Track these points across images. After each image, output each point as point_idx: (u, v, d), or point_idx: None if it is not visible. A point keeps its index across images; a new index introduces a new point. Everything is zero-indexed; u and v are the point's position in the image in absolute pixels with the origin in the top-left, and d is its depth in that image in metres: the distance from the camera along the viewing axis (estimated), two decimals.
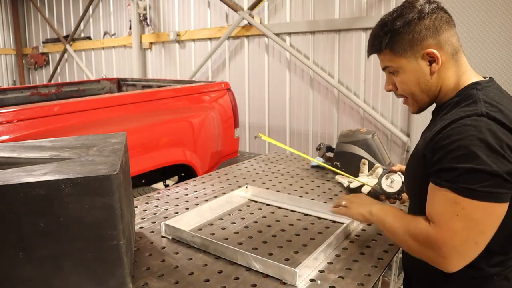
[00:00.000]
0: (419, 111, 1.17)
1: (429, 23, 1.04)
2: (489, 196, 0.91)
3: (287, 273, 1.10)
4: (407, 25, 1.05)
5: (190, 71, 5.48)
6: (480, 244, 0.94)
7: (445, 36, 1.05)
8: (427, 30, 1.04)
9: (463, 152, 0.92)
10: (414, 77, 1.09)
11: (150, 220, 1.54)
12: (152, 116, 2.66)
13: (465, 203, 0.92)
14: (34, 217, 0.95)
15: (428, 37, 1.05)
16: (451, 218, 0.93)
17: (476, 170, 0.90)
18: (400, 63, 1.09)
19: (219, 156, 3.20)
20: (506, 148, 0.91)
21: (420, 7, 1.06)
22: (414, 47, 1.06)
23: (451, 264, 0.95)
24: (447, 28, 1.06)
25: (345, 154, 1.98)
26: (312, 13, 4.29)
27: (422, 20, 1.05)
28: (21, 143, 1.30)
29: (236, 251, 1.20)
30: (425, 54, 1.05)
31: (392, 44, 1.08)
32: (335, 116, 4.30)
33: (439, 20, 1.05)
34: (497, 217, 0.94)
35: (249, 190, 1.79)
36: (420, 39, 1.05)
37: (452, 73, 1.08)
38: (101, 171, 0.98)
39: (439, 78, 1.08)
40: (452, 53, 1.07)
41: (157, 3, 5.80)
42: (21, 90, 3.72)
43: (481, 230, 0.93)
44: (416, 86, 1.10)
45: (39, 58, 8.05)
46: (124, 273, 1.03)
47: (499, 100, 1.00)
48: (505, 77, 3.14)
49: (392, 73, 1.13)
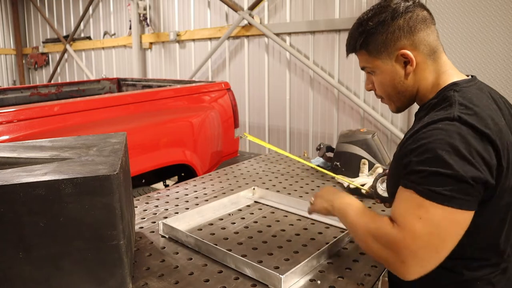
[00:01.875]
0: (397, 111, 1.15)
1: (403, 23, 1.01)
2: (452, 201, 0.88)
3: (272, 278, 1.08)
4: (380, 26, 1.02)
5: (190, 71, 5.48)
6: (441, 254, 0.90)
7: (420, 36, 1.02)
8: (400, 31, 1.01)
9: (430, 155, 0.90)
10: (389, 78, 1.06)
11: (150, 220, 1.54)
12: (152, 116, 2.66)
13: (429, 206, 0.89)
14: (34, 217, 0.95)
15: (402, 37, 1.01)
16: (414, 221, 0.90)
17: (441, 174, 0.88)
18: (375, 64, 1.07)
19: (219, 156, 3.20)
20: (476, 155, 0.88)
21: (395, 6, 1.02)
22: (388, 48, 1.03)
23: (409, 270, 0.90)
24: (422, 27, 1.02)
25: (345, 154, 1.98)
26: (312, 13, 4.29)
27: (396, 20, 1.01)
28: (21, 143, 1.30)
29: (225, 253, 1.19)
30: (399, 56, 1.02)
31: (367, 45, 1.06)
32: (335, 116, 4.30)
33: (414, 19, 1.01)
34: (459, 225, 0.90)
35: (256, 191, 1.77)
36: (393, 39, 1.02)
37: (429, 73, 1.05)
38: (101, 171, 0.98)
39: (415, 79, 1.05)
40: (429, 53, 1.04)
41: (157, 3, 5.81)
42: (21, 90, 3.72)
43: (442, 237, 0.89)
44: (391, 88, 1.08)
45: (39, 58, 8.05)
46: (124, 273, 1.03)
47: (477, 102, 0.96)
48: (505, 77, 3.14)
49: (370, 73, 1.11)
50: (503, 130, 0.94)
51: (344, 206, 1.11)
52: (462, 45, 3.25)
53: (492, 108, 0.98)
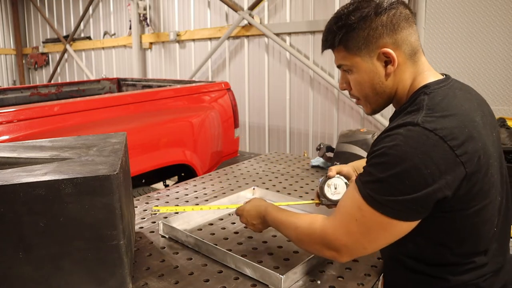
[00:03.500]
0: (372, 112, 1.10)
1: (386, 19, 0.95)
2: (388, 210, 0.88)
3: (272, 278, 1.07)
4: (362, 21, 0.96)
5: (190, 71, 5.48)
6: (368, 250, 0.95)
7: (403, 35, 0.96)
8: (383, 27, 0.95)
9: (382, 160, 0.88)
10: (368, 77, 1.00)
11: (150, 220, 1.54)
12: (152, 116, 2.66)
13: (367, 210, 0.90)
14: (34, 217, 0.95)
15: (385, 35, 0.95)
16: (351, 221, 0.93)
17: (386, 182, 0.87)
18: (354, 61, 1.00)
19: (219, 156, 3.20)
20: (433, 166, 0.84)
21: (378, 1, 0.96)
22: (370, 45, 0.97)
23: (342, 257, 0.97)
24: (405, 26, 0.96)
25: (345, 154, 1.98)
26: (312, 13, 4.29)
27: (379, 15, 0.95)
28: (21, 143, 1.30)
29: (225, 253, 1.19)
30: (381, 54, 0.97)
31: (346, 41, 0.99)
32: (335, 116, 4.30)
33: (398, 16, 0.96)
34: (391, 233, 0.92)
35: (256, 191, 1.77)
36: (376, 36, 0.95)
37: (408, 75, 1.00)
38: (101, 171, 0.98)
39: (395, 80, 1.00)
40: (410, 54, 0.99)
41: (157, 3, 5.81)
42: (21, 90, 3.72)
43: (372, 238, 0.93)
44: (370, 88, 1.02)
45: (39, 58, 8.05)
46: (124, 273, 1.03)
47: (447, 104, 0.91)
48: (505, 77, 3.14)
49: (347, 72, 1.05)
50: (474, 135, 0.89)
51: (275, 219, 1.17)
52: (462, 44, 3.25)
53: (464, 109, 0.93)
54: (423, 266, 1.01)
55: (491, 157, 0.93)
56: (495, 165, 0.96)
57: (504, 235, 1.06)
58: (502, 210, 1.02)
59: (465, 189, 0.88)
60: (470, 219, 0.94)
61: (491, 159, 0.93)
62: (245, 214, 1.27)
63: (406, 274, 1.05)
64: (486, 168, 0.91)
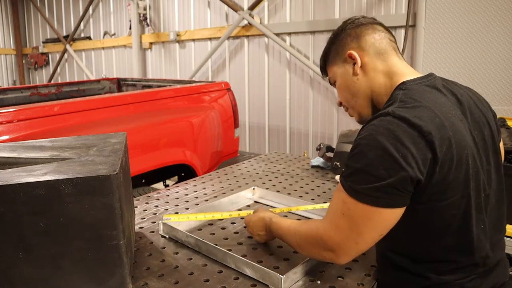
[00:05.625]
0: (360, 118, 1.18)
1: (350, 31, 1.14)
2: (370, 199, 0.90)
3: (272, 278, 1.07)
4: (333, 38, 1.18)
5: (190, 71, 5.48)
6: (360, 245, 0.96)
7: (366, 39, 1.11)
8: (348, 37, 1.13)
9: (357, 151, 0.93)
10: (343, 81, 1.15)
11: (150, 220, 1.54)
12: (152, 116, 2.66)
13: (350, 203, 0.93)
14: (34, 217, 0.95)
15: (350, 41, 1.13)
16: (338, 216, 0.96)
17: (362, 171, 0.91)
18: (333, 71, 1.18)
19: (219, 156, 3.20)
20: (403, 149, 0.87)
21: (349, 21, 1.16)
22: (340, 53, 1.14)
23: (339, 258, 0.99)
24: (369, 32, 1.11)
25: (345, 154, 1.98)
26: (312, 13, 4.29)
27: (345, 30, 1.15)
28: (21, 143, 1.30)
29: (225, 253, 1.19)
30: (347, 57, 1.12)
31: (327, 58, 1.20)
32: (335, 116, 4.30)
33: (361, 27, 1.12)
34: (377, 222, 0.93)
35: (256, 191, 1.77)
36: (343, 45, 1.14)
37: (379, 73, 1.10)
38: (101, 171, 0.98)
39: (367, 78, 1.11)
40: (376, 54, 1.10)
41: (157, 3, 5.81)
42: (21, 90, 3.72)
43: (359, 231, 0.94)
44: (346, 90, 1.16)
45: (39, 58, 8.05)
46: (124, 273, 1.03)
47: (419, 97, 0.97)
48: (505, 77, 3.14)
49: (334, 85, 1.21)
50: (445, 123, 0.93)
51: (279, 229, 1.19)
52: (462, 44, 3.25)
53: (439, 102, 0.98)
54: (407, 262, 1.03)
55: (467, 148, 0.95)
56: (475, 158, 0.97)
57: (496, 237, 1.06)
58: (492, 210, 1.03)
59: (439, 177, 0.91)
60: (448, 210, 0.95)
61: (466, 150, 0.94)
62: (251, 225, 1.31)
63: (392, 271, 1.08)
64: (459, 158, 0.93)
